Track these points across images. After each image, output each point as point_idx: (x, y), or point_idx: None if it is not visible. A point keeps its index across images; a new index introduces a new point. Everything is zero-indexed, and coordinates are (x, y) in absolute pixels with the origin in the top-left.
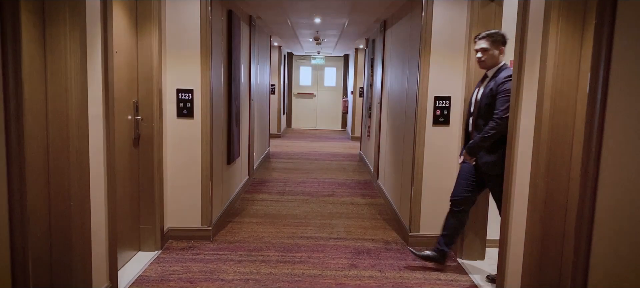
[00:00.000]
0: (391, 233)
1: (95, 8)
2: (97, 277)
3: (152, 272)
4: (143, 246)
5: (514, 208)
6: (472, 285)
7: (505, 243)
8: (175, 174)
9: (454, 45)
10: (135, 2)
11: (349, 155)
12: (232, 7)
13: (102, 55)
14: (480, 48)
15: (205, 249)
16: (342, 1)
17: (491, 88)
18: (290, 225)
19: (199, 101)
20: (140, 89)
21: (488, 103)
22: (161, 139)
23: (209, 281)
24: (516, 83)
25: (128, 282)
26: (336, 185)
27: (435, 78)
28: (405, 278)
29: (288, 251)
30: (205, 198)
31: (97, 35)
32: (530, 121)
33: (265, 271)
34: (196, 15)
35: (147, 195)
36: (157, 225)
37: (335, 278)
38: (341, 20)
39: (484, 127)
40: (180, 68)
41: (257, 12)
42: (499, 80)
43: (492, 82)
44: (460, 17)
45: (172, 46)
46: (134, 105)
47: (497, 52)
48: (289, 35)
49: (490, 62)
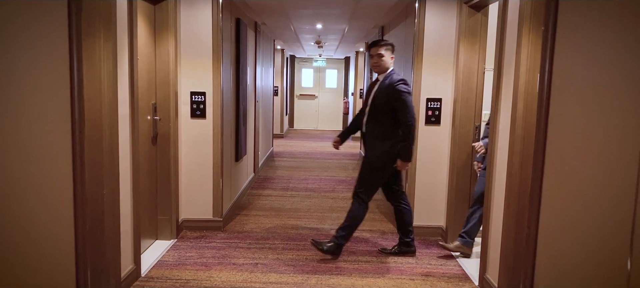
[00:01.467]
0: (387, 225)
1: (123, 21)
2: (124, 259)
3: (170, 258)
4: (160, 235)
5: (494, 200)
6: (460, 269)
7: (488, 231)
8: (189, 170)
9: (444, 51)
10: (153, 13)
11: (349, 154)
12: (240, 15)
13: (128, 63)
14: (377, 54)
15: (217, 238)
16: (343, 9)
17: (383, 91)
18: (294, 218)
19: (211, 102)
20: (158, 92)
21: (382, 102)
22: (177, 138)
23: (222, 265)
24: (496, 86)
25: (149, 265)
26: (337, 182)
27: (427, 81)
28: (399, 262)
29: (292, 240)
30: (216, 191)
31: (124, 46)
32: (507, 120)
33: (272, 257)
34: (208, 24)
35: (164, 189)
36: (173, 216)
37: (336, 262)
38: (342, 26)
39: (377, 125)
40: (193, 72)
41: (262, 19)
42: (392, 84)
43: (384, 84)
44: (450, 25)
45: (186, 52)
46: (152, 106)
47: (390, 59)
48: (291, 40)
49: (385, 66)
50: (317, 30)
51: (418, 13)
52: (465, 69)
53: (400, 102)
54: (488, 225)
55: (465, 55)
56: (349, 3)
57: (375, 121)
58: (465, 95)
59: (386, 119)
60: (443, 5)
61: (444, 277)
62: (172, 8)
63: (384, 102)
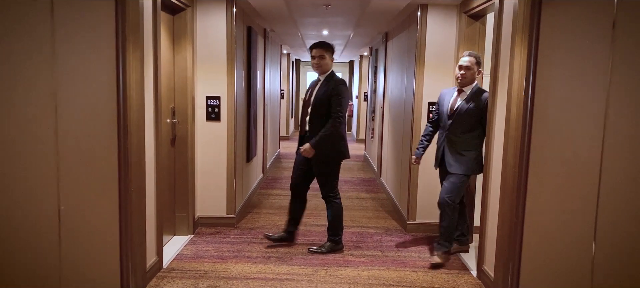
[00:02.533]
0: (391, 222)
1: (148, 31)
2: (149, 251)
3: (188, 252)
4: (178, 231)
5: (490, 197)
6: (461, 264)
7: (485, 225)
8: (204, 170)
9: (445, 57)
10: (172, 23)
11: (354, 156)
12: (251, 23)
13: (153, 70)
14: (319, 55)
15: (231, 234)
16: (348, 17)
17: (325, 91)
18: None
19: (225, 106)
20: (177, 96)
21: (325, 102)
22: (193, 140)
23: (237, 258)
24: (492, 91)
25: (169, 258)
26: (343, 182)
27: (428, 85)
28: (402, 256)
29: (302, 235)
30: (230, 190)
31: (150, 54)
32: (502, 123)
33: (283, 251)
34: (223, 32)
35: (182, 188)
36: (190, 213)
37: (343, 256)
38: (347, 32)
39: (322, 123)
40: (209, 78)
41: (272, 26)
42: (336, 85)
43: (327, 85)
44: (450, 33)
45: (202, 59)
46: (171, 110)
47: (331, 62)
48: (298, 44)
49: (326, 68)
50: (323, 36)
51: (420, 21)
52: None
53: (337, 100)
54: (485, 220)
55: None
56: (354, 12)
57: (319, 120)
58: None
59: (328, 117)
60: (444, 14)
61: (444, 269)
62: (189, 18)
63: (327, 101)
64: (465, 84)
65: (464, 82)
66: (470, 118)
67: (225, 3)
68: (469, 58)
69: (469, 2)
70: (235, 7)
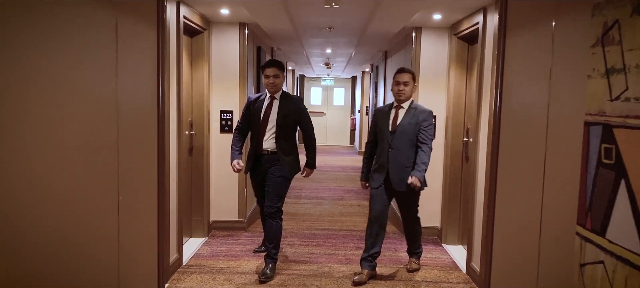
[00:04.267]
0: (389, 227)
1: (173, 54)
2: (171, 248)
3: (204, 251)
4: (193, 233)
5: (477, 201)
6: (452, 262)
7: (472, 226)
8: (218, 178)
9: (438, 73)
10: (190, 44)
11: (356, 167)
12: (260, 43)
13: (176, 86)
14: (274, 74)
15: (242, 237)
16: (350, 38)
17: (291, 109)
18: (307, 221)
19: (237, 119)
20: (194, 110)
21: (290, 120)
22: (208, 150)
23: (249, 257)
24: (477, 105)
25: (188, 257)
26: (345, 192)
27: (423, 100)
28: (400, 257)
29: (307, 238)
30: (241, 197)
31: (173, 72)
32: (485, 133)
33: (290, 251)
34: (235, 52)
35: (198, 194)
36: (205, 217)
37: (345, 256)
38: (349, 51)
39: (287, 141)
40: (223, 93)
41: (279, 45)
42: (297, 102)
43: (286, 103)
44: (442, 51)
45: (216, 76)
46: (189, 123)
47: (283, 79)
48: (302, 61)
49: (280, 86)
50: (327, 54)
51: (415, 41)
52: (454, 91)
53: (305, 119)
54: (472, 221)
55: (455, 78)
56: (355, 33)
57: (285, 138)
58: (455, 112)
59: (292, 134)
60: (436, 35)
61: (437, 266)
62: (205, 40)
63: (291, 120)
64: (403, 99)
65: (402, 97)
66: (412, 133)
67: (237, 26)
68: (407, 74)
69: (458, 25)
70: (247, 29)
